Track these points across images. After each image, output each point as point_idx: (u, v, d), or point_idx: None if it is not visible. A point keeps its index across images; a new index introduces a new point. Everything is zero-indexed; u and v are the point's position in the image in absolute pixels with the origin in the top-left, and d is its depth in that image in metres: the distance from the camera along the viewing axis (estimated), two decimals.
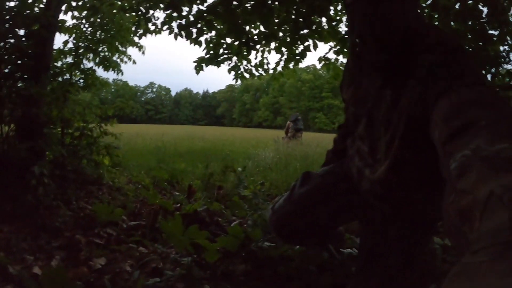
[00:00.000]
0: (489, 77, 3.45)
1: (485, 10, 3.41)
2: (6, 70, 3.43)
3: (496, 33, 3.46)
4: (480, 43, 3.43)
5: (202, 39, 4.19)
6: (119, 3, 4.64)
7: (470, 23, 3.50)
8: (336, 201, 1.76)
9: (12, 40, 3.39)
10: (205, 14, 3.87)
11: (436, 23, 3.68)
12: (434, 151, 1.01)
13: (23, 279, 1.79)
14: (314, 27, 4.14)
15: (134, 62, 6.09)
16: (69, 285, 1.51)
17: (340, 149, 1.97)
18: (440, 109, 0.94)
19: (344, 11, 4.10)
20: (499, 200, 0.51)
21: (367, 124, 1.47)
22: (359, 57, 1.46)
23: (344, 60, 4.39)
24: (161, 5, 4.10)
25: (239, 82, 5.12)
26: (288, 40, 4.34)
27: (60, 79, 4.31)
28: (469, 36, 3.47)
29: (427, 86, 1.11)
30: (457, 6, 3.53)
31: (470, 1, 3.48)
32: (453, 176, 0.64)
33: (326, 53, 4.56)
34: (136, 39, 5.16)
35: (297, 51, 4.48)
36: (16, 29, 3.37)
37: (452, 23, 3.57)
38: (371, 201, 1.54)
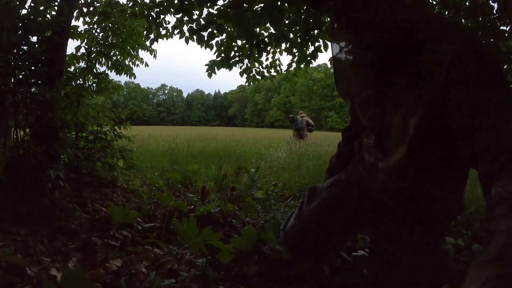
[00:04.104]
0: None
1: (495, 6, 3.40)
2: (20, 76, 3.47)
3: (507, 29, 3.45)
4: (492, 39, 3.41)
5: (213, 42, 4.21)
6: (131, 8, 4.68)
7: (480, 19, 3.48)
8: (347, 209, 1.76)
9: (25, 47, 3.43)
10: (215, 18, 3.88)
11: None
12: (451, 146, 1.10)
13: (42, 281, 1.82)
14: (324, 28, 4.14)
15: (146, 65, 6.14)
16: (87, 287, 1.54)
17: (344, 152, 1.97)
18: (487, 139, 0.96)
19: None
20: None
21: (374, 112, 1.45)
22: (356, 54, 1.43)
23: None
24: (172, 10, 4.12)
25: (251, 83, 5.13)
26: (299, 41, 4.34)
27: (73, 83, 4.36)
28: (480, 33, 3.45)
29: (450, 85, 1.09)
30: (467, 3, 3.52)
31: None
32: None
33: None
34: (147, 43, 5.20)
35: (308, 52, 4.48)
36: (29, 36, 3.40)
37: (462, 20, 3.56)
38: (383, 200, 1.54)
